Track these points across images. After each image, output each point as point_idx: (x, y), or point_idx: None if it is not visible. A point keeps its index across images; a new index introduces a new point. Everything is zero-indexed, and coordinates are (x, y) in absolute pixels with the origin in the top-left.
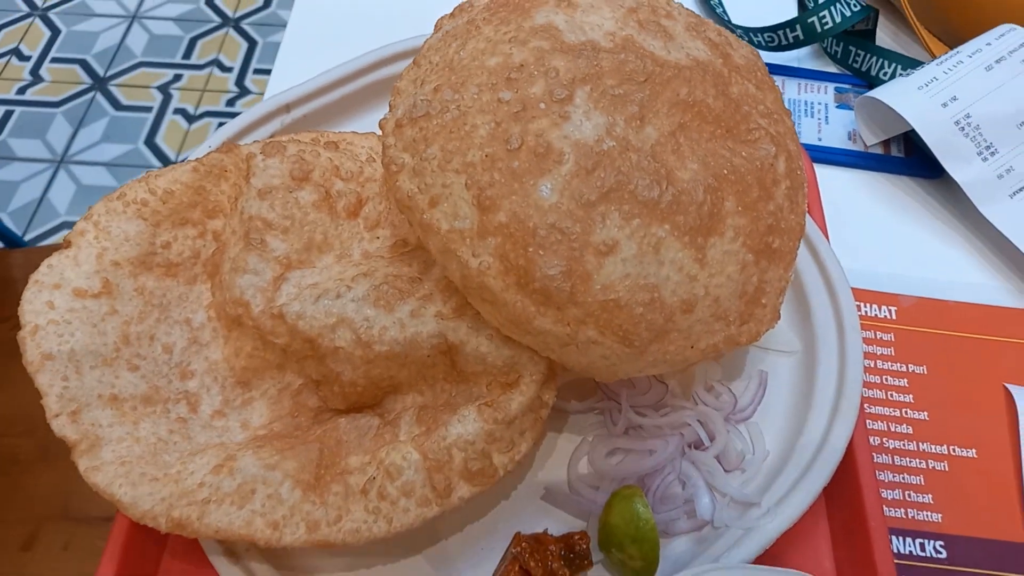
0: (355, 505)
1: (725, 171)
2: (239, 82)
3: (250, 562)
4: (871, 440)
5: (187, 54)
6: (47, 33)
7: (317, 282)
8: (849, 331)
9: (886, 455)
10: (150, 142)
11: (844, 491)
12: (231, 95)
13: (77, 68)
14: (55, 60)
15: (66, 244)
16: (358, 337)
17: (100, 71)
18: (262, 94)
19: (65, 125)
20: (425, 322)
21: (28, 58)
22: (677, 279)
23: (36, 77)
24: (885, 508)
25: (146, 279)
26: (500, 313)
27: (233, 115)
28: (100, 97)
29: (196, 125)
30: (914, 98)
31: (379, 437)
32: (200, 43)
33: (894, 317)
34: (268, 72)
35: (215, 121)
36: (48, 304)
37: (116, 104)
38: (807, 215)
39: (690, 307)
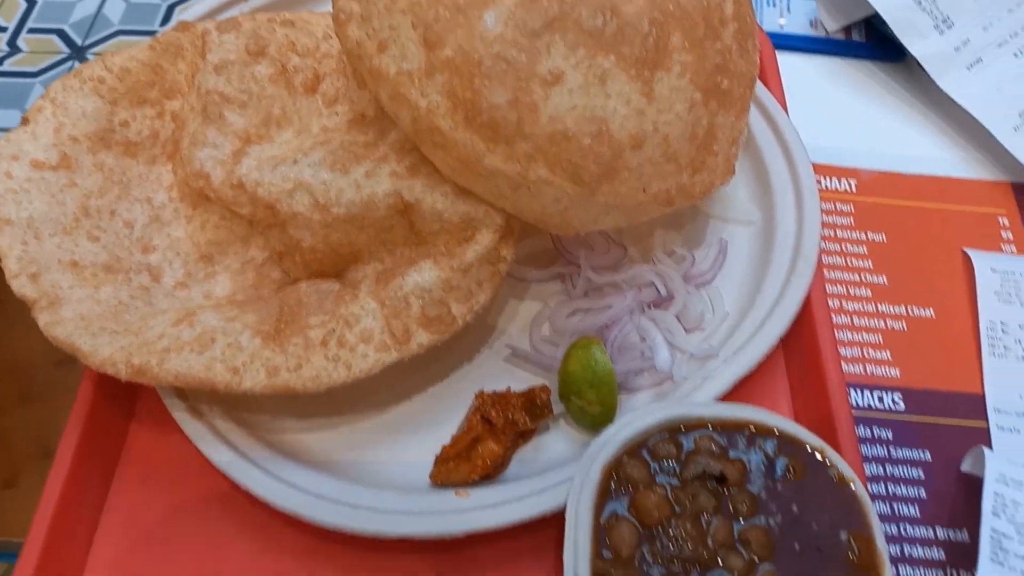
0: (315, 354)
1: (671, 7)
2: None
3: (215, 420)
4: (830, 304)
5: (165, 21)
6: (23, 4)
7: (276, 155)
8: (807, 198)
9: (845, 316)
10: None
11: (802, 345)
12: None
13: (54, 38)
14: (32, 31)
15: (24, 121)
16: (315, 200)
17: (78, 40)
18: None
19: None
20: (380, 181)
21: (4, 29)
22: (624, 112)
23: (13, 48)
24: (845, 365)
25: (105, 156)
26: (451, 156)
27: None
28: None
29: None
30: None
31: (339, 299)
32: (178, 10)
33: (854, 190)
34: None
35: None
36: (6, 174)
37: None
38: (768, 93)
39: (639, 143)
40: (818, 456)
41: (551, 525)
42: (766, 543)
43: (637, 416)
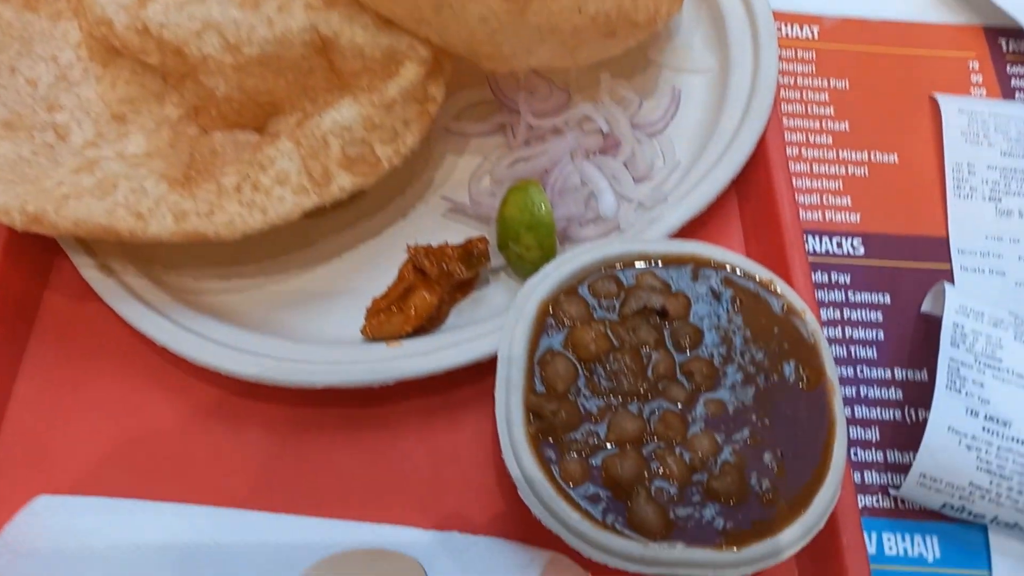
0: (228, 200)
1: None
2: None
3: (128, 278)
4: (789, 152)
5: None
6: None
7: None
8: (765, 43)
9: (804, 163)
10: None
11: (756, 187)
12: None
13: None
14: None
15: None
16: (226, 40)
17: None
18: None
19: None
20: (294, 15)
21: None
22: None
23: None
24: (803, 212)
25: (3, 8)
26: None
27: None
28: None
29: None
30: None
31: (257, 148)
32: None
33: (816, 36)
34: None
35: None
36: None
37: None
38: None
39: None
40: (766, 288)
41: (493, 372)
42: (709, 374)
43: (576, 253)
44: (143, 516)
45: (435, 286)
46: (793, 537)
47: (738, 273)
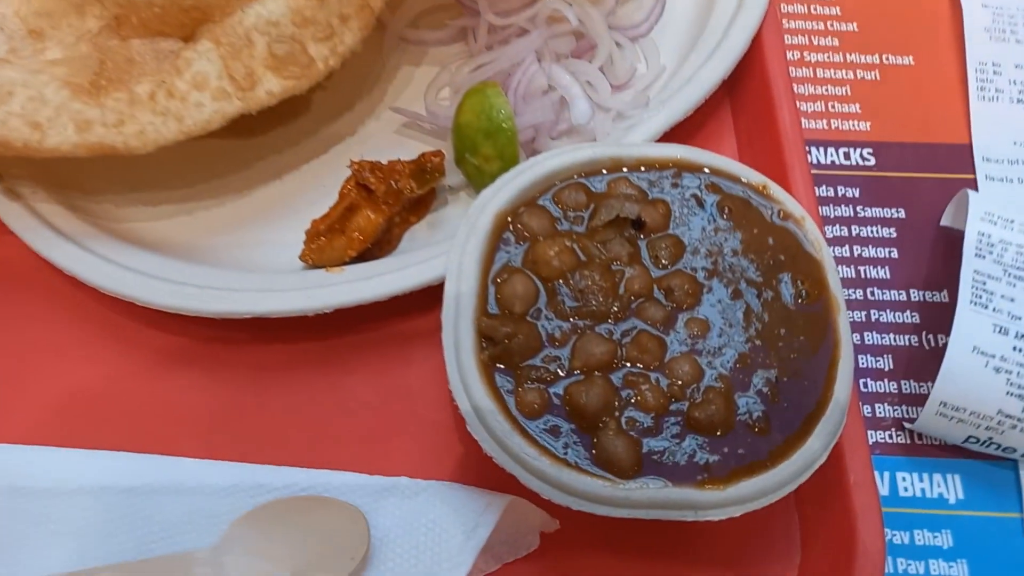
0: (140, 109)
1: None
2: None
3: (38, 204)
4: (789, 56)
5: None
6: None
7: None
8: None
9: (807, 68)
10: None
11: (751, 89)
12: None
13: None
14: None
15: None
16: None
17: None
18: None
19: None
20: None
21: None
22: None
23: None
24: (806, 121)
25: None
26: None
27: None
28: None
29: None
30: None
31: (178, 55)
32: None
33: None
34: None
35: None
36: None
37: None
38: None
39: None
40: (759, 193)
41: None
42: (691, 290)
43: (538, 160)
44: (69, 464)
45: (381, 205)
46: (789, 473)
47: (726, 177)
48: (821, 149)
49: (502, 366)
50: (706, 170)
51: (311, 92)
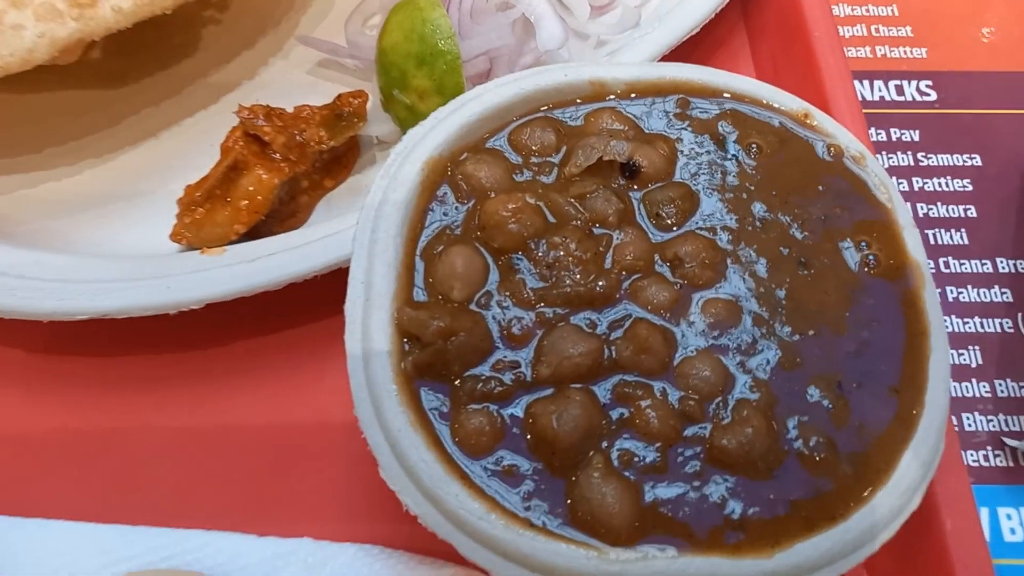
0: None
1: None
2: None
3: None
4: None
5: None
6: None
7: None
8: None
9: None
10: None
11: (774, 11)
12: None
13: None
14: None
15: None
16: None
17: None
18: None
19: None
20: None
21: None
22: None
23: None
24: (846, 49)
25: None
26: None
27: None
28: None
29: None
30: None
31: None
32: None
33: None
34: None
35: None
36: None
37: None
38: None
39: None
40: (799, 123)
41: None
42: (708, 260)
43: (487, 88)
44: None
45: (280, 163)
46: (866, 527)
47: (752, 103)
48: (866, 83)
49: (432, 379)
50: (725, 95)
51: (199, 26)
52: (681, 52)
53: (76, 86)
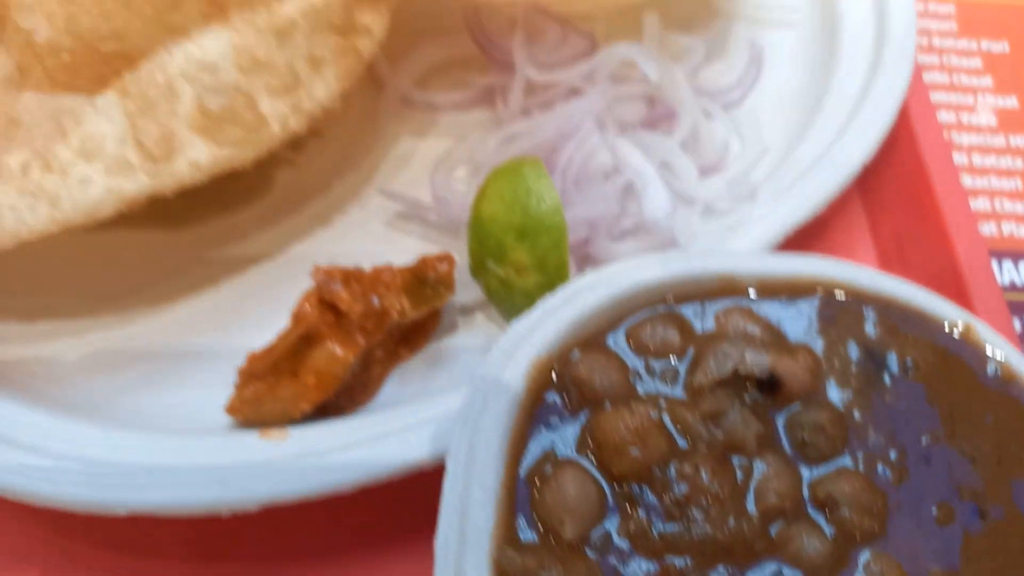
0: (3, 189)
1: None
2: None
3: None
4: None
5: None
6: None
7: None
8: None
9: (958, 154)
10: None
11: (898, 184)
12: None
13: None
14: None
15: None
16: None
17: None
18: None
19: None
20: None
21: None
22: None
23: None
24: None
25: None
26: None
27: None
28: None
29: None
30: None
31: (72, 114)
32: None
33: None
34: None
35: None
36: None
37: None
38: None
39: None
40: (960, 339)
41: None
42: (869, 505)
43: (604, 277)
44: None
45: (355, 335)
46: None
47: (903, 311)
48: (995, 261)
49: None
50: (873, 297)
51: (273, 167)
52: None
53: (131, 225)
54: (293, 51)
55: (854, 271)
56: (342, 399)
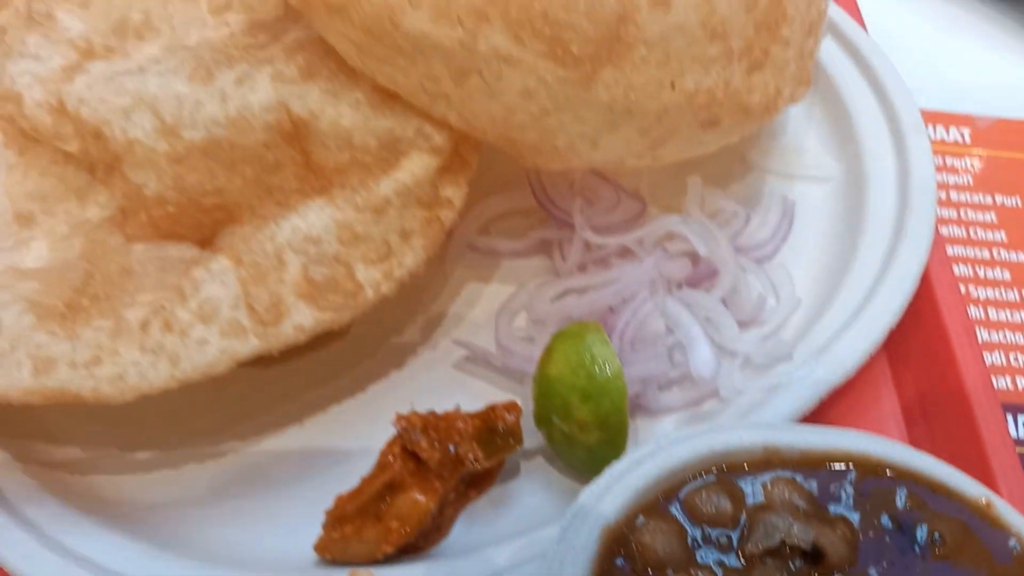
0: (126, 343)
1: None
2: None
3: None
4: None
5: None
6: None
7: (124, 69)
8: (911, 136)
9: (976, 307)
10: None
11: (921, 344)
12: None
13: None
14: None
15: None
16: (161, 121)
17: None
18: None
19: None
20: (256, 88)
21: None
22: None
23: None
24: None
25: None
26: (354, 25)
27: None
28: None
29: None
30: None
31: (187, 270)
32: None
33: (968, 141)
34: None
35: None
36: None
37: None
38: (840, 10)
39: None
40: (980, 515)
41: None
42: None
43: (663, 446)
44: None
45: (435, 481)
46: None
47: (929, 487)
48: (1012, 416)
49: None
50: (903, 473)
51: None
52: None
53: None
54: (387, 225)
55: (886, 446)
56: (419, 539)
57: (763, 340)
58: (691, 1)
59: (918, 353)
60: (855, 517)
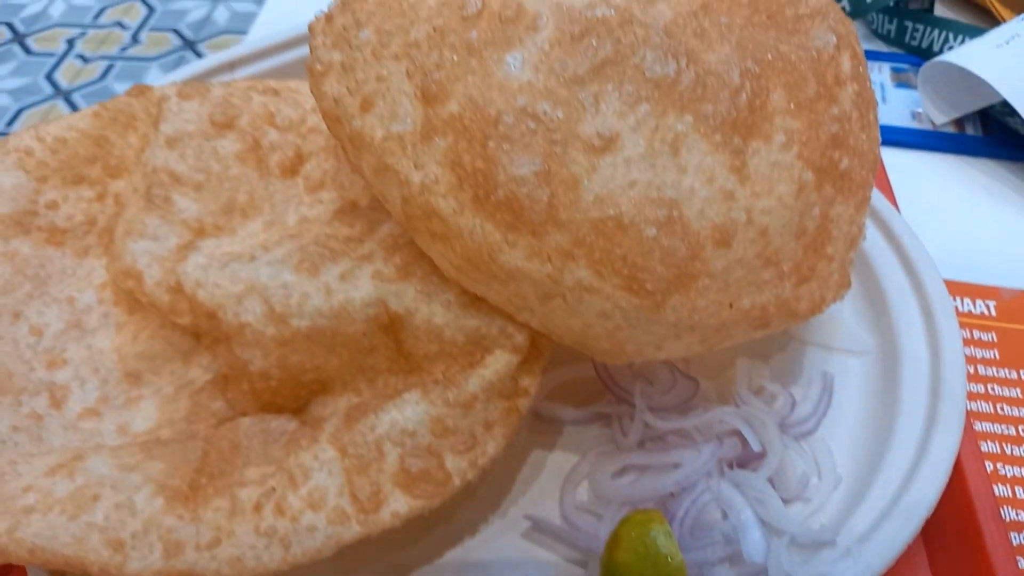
0: (242, 525)
1: (769, 56)
2: None
3: None
4: None
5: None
6: (144, 11)
7: (234, 251)
8: (941, 317)
9: (1003, 485)
10: None
11: (954, 532)
12: None
13: (170, 35)
14: (152, 28)
15: None
16: (270, 308)
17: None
18: None
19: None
20: (358, 285)
21: (129, 27)
22: (706, 194)
23: (135, 40)
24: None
25: (20, 243)
26: (454, 251)
27: None
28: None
29: None
30: (993, 57)
31: (293, 443)
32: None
33: (994, 313)
34: None
35: None
36: None
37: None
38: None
39: (726, 238)
40: None
41: None
42: None
43: None
44: None
45: None
46: None
47: None
48: None
49: None
50: None
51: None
52: None
53: None
54: (474, 418)
55: None
56: None
57: (808, 518)
58: (749, 237)
59: (949, 532)
60: None
